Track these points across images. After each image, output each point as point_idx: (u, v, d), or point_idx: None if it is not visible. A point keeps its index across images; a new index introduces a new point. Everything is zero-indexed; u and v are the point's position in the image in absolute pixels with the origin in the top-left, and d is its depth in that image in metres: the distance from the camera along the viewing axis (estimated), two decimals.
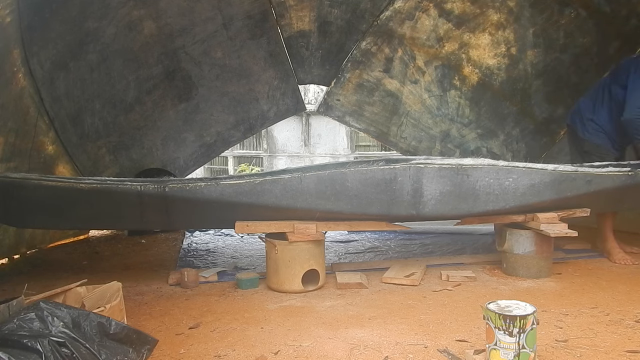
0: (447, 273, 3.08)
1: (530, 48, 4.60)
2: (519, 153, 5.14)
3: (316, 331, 2.25)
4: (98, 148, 4.49)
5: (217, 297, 2.81)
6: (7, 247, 3.58)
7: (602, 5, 4.07)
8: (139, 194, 2.77)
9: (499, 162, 2.97)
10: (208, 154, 5.51)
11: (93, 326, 1.73)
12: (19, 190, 2.79)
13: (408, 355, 1.98)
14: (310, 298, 2.75)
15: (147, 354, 1.94)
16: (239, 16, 4.53)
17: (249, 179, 2.82)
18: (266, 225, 2.92)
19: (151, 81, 4.56)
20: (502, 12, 4.51)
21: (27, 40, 3.34)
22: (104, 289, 2.14)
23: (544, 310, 2.43)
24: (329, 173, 2.84)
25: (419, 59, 5.02)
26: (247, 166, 14.53)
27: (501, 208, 2.96)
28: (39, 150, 3.74)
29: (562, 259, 3.44)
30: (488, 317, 1.76)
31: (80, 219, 3.03)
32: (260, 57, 4.92)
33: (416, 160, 2.92)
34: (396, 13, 4.72)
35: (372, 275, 3.12)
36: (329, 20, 4.78)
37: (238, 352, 2.04)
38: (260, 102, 5.27)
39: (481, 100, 5.11)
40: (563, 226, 2.97)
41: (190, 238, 4.57)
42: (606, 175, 3.04)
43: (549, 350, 2.00)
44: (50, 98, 3.76)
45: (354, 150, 14.55)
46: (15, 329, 1.59)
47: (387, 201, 2.85)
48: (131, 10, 3.98)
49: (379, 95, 5.34)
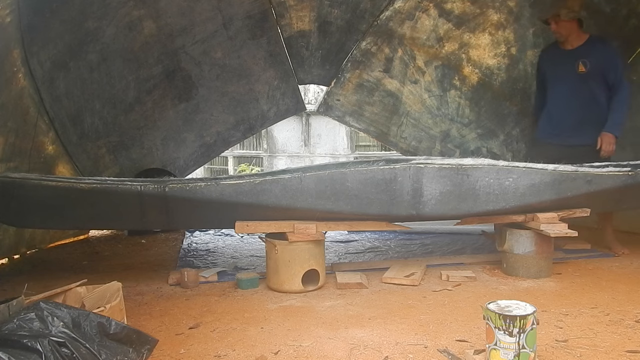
0: (447, 273, 3.08)
1: (530, 48, 4.60)
2: (519, 153, 5.12)
3: (316, 331, 2.25)
4: (98, 148, 4.48)
5: (217, 297, 2.81)
6: (7, 247, 3.58)
7: (602, 5, 4.06)
8: (139, 194, 2.77)
9: (499, 162, 2.97)
10: (208, 154, 5.51)
11: (93, 326, 1.73)
12: (19, 190, 2.79)
13: (408, 355, 1.98)
14: (310, 298, 2.75)
15: (147, 354, 1.94)
16: (239, 16, 4.53)
17: (249, 179, 2.82)
18: (266, 225, 2.92)
19: (151, 81, 4.56)
20: (502, 12, 4.51)
21: (27, 40, 3.34)
22: (104, 289, 2.14)
23: (544, 310, 2.43)
24: (329, 173, 2.84)
25: (419, 59, 5.02)
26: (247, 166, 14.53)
27: (501, 208, 2.96)
28: (39, 150, 3.74)
29: (562, 259, 3.44)
30: (488, 317, 1.76)
31: (80, 219, 3.03)
32: (260, 57, 4.91)
33: (416, 160, 2.92)
34: (396, 13, 4.72)
35: (372, 275, 3.12)
36: (329, 20, 4.78)
37: (238, 352, 2.05)
38: (260, 102, 5.26)
39: (481, 100, 5.10)
40: (563, 226, 2.97)
41: (190, 238, 4.57)
42: (606, 175, 3.04)
43: (549, 350, 2.00)
44: (50, 98, 3.76)
45: (354, 150, 14.55)
46: (15, 329, 1.59)
47: (387, 201, 2.85)
48: (131, 10, 3.98)
49: (379, 95, 5.34)
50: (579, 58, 3.63)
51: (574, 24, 3.62)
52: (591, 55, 3.61)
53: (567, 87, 3.73)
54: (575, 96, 3.70)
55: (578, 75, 3.65)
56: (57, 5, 3.45)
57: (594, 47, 3.62)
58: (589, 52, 3.62)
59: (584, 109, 3.66)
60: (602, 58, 3.59)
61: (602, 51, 3.61)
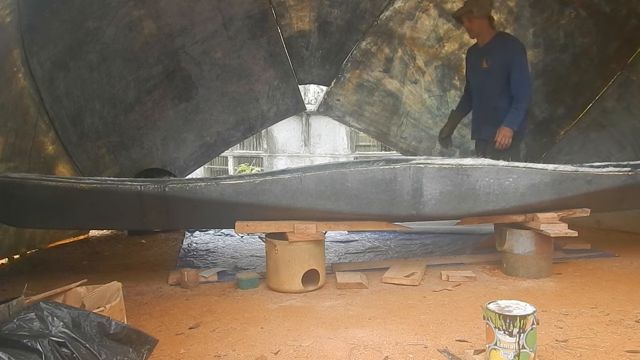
0: (447, 273, 3.07)
1: (530, 48, 4.59)
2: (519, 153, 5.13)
3: (316, 331, 2.25)
4: (98, 148, 4.49)
5: (217, 297, 2.81)
6: (7, 247, 3.58)
7: (602, 5, 4.07)
8: (139, 194, 2.77)
9: (499, 162, 2.97)
10: (208, 154, 5.51)
11: (93, 326, 1.73)
12: (19, 190, 2.79)
13: (408, 355, 1.98)
14: (310, 298, 2.75)
15: (147, 354, 1.94)
16: (239, 16, 4.53)
17: (249, 179, 2.82)
18: (266, 225, 2.92)
19: (151, 81, 4.56)
20: (502, 12, 4.51)
21: (27, 40, 3.34)
22: (104, 289, 2.14)
23: (544, 310, 2.43)
24: (329, 173, 2.84)
25: (419, 59, 5.02)
26: (247, 166, 14.53)
27: (501, 208, 2.96)
28: (39, 150, 3.74)
29: (562, 259, 3.43)
30: (488, 317, 1.76)
31: (80, 219, 3.03)
32: (260, 57, 4.92)
33: (416, 160, 2.91)
34: (396, 13, 4.72)
35: (372, 275, 3.12)
36: (329, 20, 4.78)
37: (238, 352, 2.04)
38: (260, 102, 5.26)
39: None
40: (563, 226, 2.97)
41: (190, 238, 4.57)
42: (606, 175, 3.04)
43: (549, 350, 2.00)
44: (50, 98, 3.76)
45: (354, 150, 14.55)
46: (15, 329, 1.59)
47: (387, 201, 2.85)
48: (131, 10, 3.98)
49: (379, 95, 5.34)
50: (484, 55, 3.72)
51: (485, 22, 3.68)
52: (492, 52, 3.68)
53: (478, 83, 3.87)
54: (482, 92, 3.82)
55: (483, 72, 3.75)
56: (57, 5, 3.45)
57: (496, 44, 3.68)
58: (492, 49, 3.69)
59: (489, 104, 3.75)
60: (503, 55, 3.63)
61: (503, 48, 3.66)
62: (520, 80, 3.61)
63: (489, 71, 3.71)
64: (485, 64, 3.72)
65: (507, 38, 3.81)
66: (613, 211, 3.66)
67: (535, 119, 5.01)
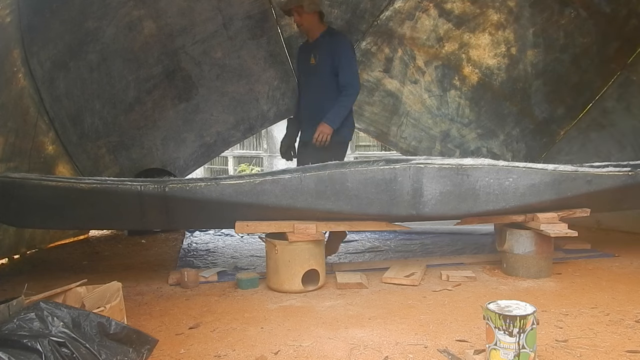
0: (447, 273, 3.07)
1: (530, 48, 4.60)
2: (519, 153, 5.13)
3: (316, 331, 2.25)
4: (98, 148, 4.49)
5: (217, 297, 2.81)
6: (7, 247, 3.58)
7: (602, 6, 4.07)
8: (139, 194, 2.77)
9: (499, 162, 2.97)
10: (208, 154, 5.51)
11: (93, 326, 1.73)
12: (19, 190, 2.79)
13: (408, 355, 1.98)
14: (310, 298, 2.75)
15: (147, 354, 1.94)
16: (239, 16, 4.53)
17: (249, 179, 2.82)
18: (266, 225, 2.92)
19: (151, 81, 4.56)
20: (502, 12, 4.51)
21: (27, 40, 3.34)
22: (104, 289, 2.14)
23: (544, 310, 2.43)
24: (329, 173, 2.84)
25: (419, 59, 5.02)
26: (247, 166, 14.51)
27: (501, 208, 2.96)
28: (39, 150, 3.74)
29: (562, 259, 3.44)
30: (488, 317, 1.76)
31: (80, 219, 3.03)
32: (260, 57, 4.91)
33: (416, 160, 2.91)
34: (396, 13, 4.72)
35: (372, 275, 3.12)
36: (329, 20, 4.77)
37: (238, 352, 2.05)
38: (260, 102, 5.26)
39: (481, 100, 5.11)
40: (563, 226, 2.97)
41: (190, 238, 4.57)
42: (606, 175, 3.04)
43: (549, 350, 2.00)
44: (50, 98, 3.76)
45: (354, 150, 14.50)
46: (15, 329, 1.59)
47: (387, 201, 2.85)
48: (131, 10, 3.98)
49: (379, 95, 5.34)
50: (313, 50, 3.58)
51: (316, 17, 3.54)
52: (320, 48, 3.53)
53: (305, 81, 3.71)
54: (309, 91, 3.66)
55: (311, 68, 3.59)
56: (57, 5, 3.45)
57: (323, 40, 3.54)
58: (319, 45, 3.54)
59: (315, 104, 3.56)
60: (330, 50, 3.49)
61: (329, 45, 3.51)
62: (348, 75, 3.45)
63: (316, 67, 3.53)
64: (314, 60, 3.54)
65: (335, 33, 3.63)
66: (613, 211, 3.66)
67: (535, 119, 5.02)
